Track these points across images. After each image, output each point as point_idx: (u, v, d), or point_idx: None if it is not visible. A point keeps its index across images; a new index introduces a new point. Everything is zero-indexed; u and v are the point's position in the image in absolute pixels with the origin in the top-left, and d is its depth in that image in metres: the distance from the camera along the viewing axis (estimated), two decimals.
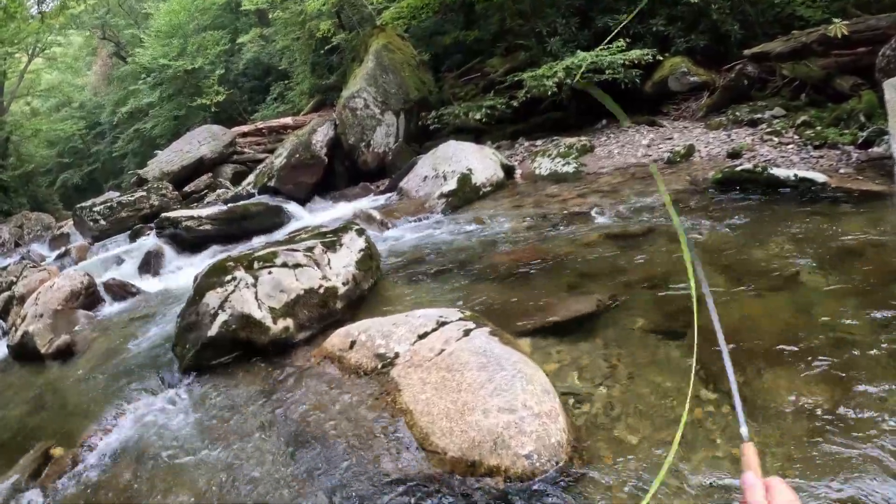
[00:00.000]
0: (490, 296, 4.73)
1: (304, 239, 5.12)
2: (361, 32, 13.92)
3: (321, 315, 4.58)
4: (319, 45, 16.72)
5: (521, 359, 3.16)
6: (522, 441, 2.75)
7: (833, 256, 4.86)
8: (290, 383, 3.85)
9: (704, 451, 2.92)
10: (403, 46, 11.99)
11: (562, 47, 10.70)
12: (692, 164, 8.06)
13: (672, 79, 10.35)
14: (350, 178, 10.07)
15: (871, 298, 4.09)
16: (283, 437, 3.36)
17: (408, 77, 10.90)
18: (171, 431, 3.67)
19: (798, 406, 3.12)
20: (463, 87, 12.37)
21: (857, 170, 7.03)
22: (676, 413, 3.22)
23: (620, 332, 4.04)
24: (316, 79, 17.78)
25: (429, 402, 3.10)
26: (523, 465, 2.71)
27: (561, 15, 11.41)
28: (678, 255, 5.21)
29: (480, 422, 2.84)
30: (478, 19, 13.25)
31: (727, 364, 1.27)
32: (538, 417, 2.81)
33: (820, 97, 9.19)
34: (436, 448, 2.91)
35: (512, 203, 7.41)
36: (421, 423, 3.05)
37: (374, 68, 10.75)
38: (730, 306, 4.23)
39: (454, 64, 13.72)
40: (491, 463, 2.74)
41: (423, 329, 3.57)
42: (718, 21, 10.65)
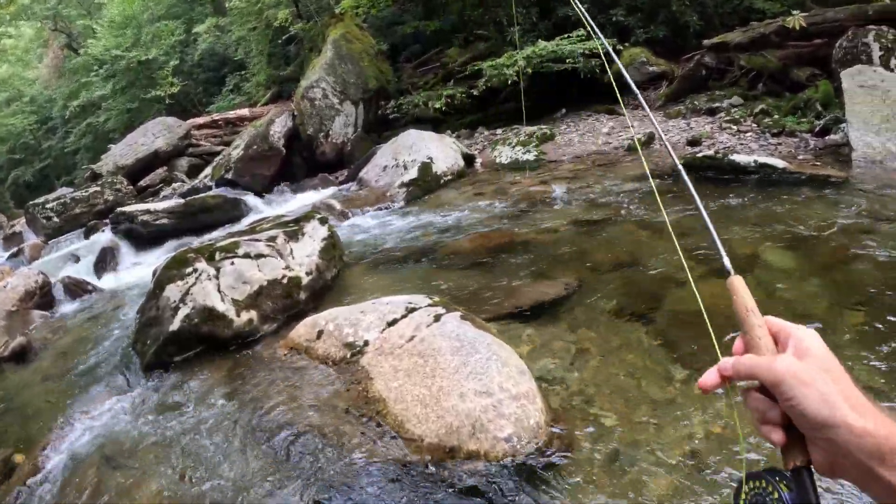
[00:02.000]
0: (454, 282, 4.71)
1: (266, 229, 5.02)
2: (319, 22, 13.71)
3: (285, 306, 4.50)
4: (276, 35, 16.46)
5: (494, 341, 3.14)
6: (501, 424, 2.72)
7: (793, 238, 4.98)
8: (257, 377, 3.76)
9: (677, 427, 2.94)
10: (362, 36, 11.87)
11: (521, 37, 10.70)
12: (652, 151, 8.17)
13: (632, 69, 10.44)
14: (309, 169, 9.92)
15: (830, 278, 4.23)
16: (253, 432, 3.28)
17: (366, 67, 10.78)
18: (135, 432, 3.56)
19: None
20: (422, 77, 12.31)
21: (814, 156, 7.21)
22: (649, 393, 3.24)
23: (589, 315, 4.06)
24: (273, 70, 17.51)
25: (402, 389, 3.05)
26: (503, 447, 2.68)
27: (521, 5, 11.42)
28: (640, 238, 5.27)
29: (457, 406, 2.80)
30: (437, 9, 13.19)
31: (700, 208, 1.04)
32: (516, 399, 2.79)
33: (777, 87, 9.38)
34: (412, 435, 2.87)
35: (473, 191, 7.42)
36: (395, 410, 3.00)
37: (332, 58, 10.61)
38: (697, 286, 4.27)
39: (413, 54, 13.65)
40: (470, 448, 2.71)
41: (391, 316, 3.52)
42: (677, 12, 10.79)
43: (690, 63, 10.31)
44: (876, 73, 7.28)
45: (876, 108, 7.00)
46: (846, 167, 6.67)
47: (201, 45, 21.90)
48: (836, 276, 4.35)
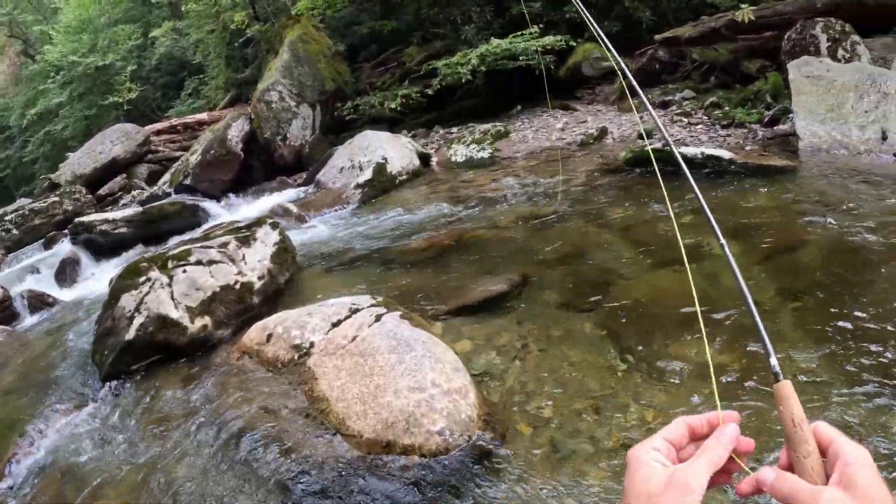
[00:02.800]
0: (407, 282, 4.79)
1: (218, 235, 5.06)
2: (276, 23, 13.68)
3: (239, 311, 4.55)
4: (234, 38, 16.37)
5: (430, 339, 3.24)
6: (434, 418, 2.82)
7: (739, 228, 5.11)
8: (210, 382, 3.81)
9: (617, 415, 3.07)
10: (319, 37, 11.87)
11: (476, 35, 10.80)
12: (604, 145, 8.30)
13: (585, 64, 10.59)
14: (267, 172, 9.89)
15: (775, 265, 4.37)
16: (207, 435, 3.34)
17: (323, 68, 10.80)
18: (96, 441, 3.60)
19: (704, 372, 3.27)
20: (380, 77, 12.35)
21: (762, 146, 7.39)
22: (589, 384, 3.36)
23: (534, 309, 4.16)
24: (231, 72, 17.40)
25: (343, 387, 3.14)
26: (436, 441, 2.78)
27: (476, 3, 11.50)
28: (588, 233, 5.40)
29: (392, 403, 2.90)
30: (394, 9, 13.22)
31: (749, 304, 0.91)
32: (448, 395, 2.89)
33: (728, 79, 9.58)
34: (352, 432, 2.96)
35: (428, 190, 7.50)
36: (337, 408, 3.09)
37: (289, 60, 10.61)
38: (642, 279, 4.42)
39: (370, 54, 13.67)
40: (405, 442, 2.81)
41: (336, 317, 3.60)
42: (630, 8, 10.95)
43: (643, 58, 10.49)
44: (822, 63, 7.46)
45: (822, 97, 7.18)
46: (793, 156, 6.85)
47: (159, 48, 21.65)
48: (781, 263, 4.49)
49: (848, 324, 3.51)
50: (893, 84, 6.83)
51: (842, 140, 6.87)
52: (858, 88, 7.01)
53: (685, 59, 10.49)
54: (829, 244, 4.55)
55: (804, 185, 6.03)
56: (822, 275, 4.17)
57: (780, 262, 4.50)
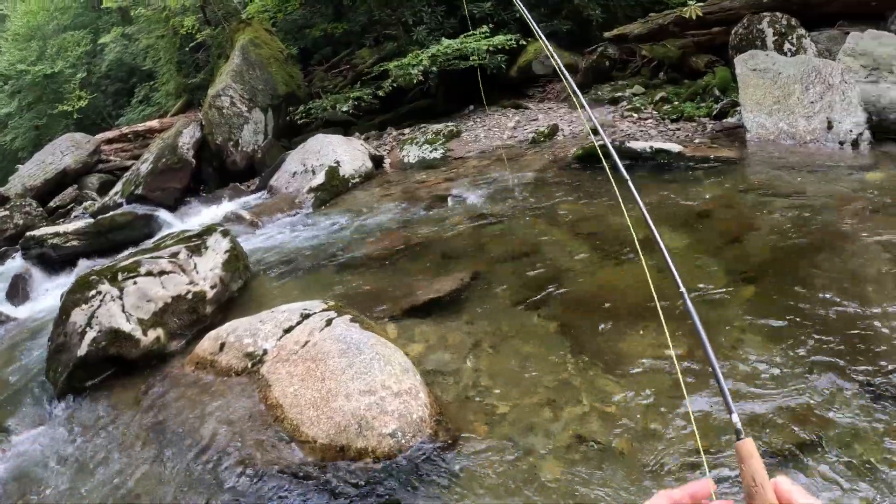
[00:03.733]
0: (360, 285, 4.81)
1: (168, 245, 5.01)
2: (227, 27, 13.52)
3: (192, 321, 4.51)
4: (184, 43, 16.10)
5: (379, 342, 3.27)
6: (385, 420, 2.85)
7: (686, 219, 5.25)
8: (165, 394, 3.78)
9: (571, 408, 3.13)
10: (270, 40, 11.76)
11: (427, 36, 10.81)
12: (555, 142, 8.40)
13: (536, 63, 10.70)
14: (220, 179, 9.74)
15: (721, 255, 4.49)
16: (163, 449, 3.33)
17: (275, 72, 10.70)
18: (52, 461, 3.54)
19: (659, 361, 3.39)
20: (332, 80, 12.31)
21: (711, 139, 7.56)
22: (543, 378, 3.41)
23: (485, 307, 4.21)
24: (182, 78, 17.13)
25: (297, 394, 3.15)
26: (389, 443, 2.81)
27: (427, 4, 11.52)
28: (537, 229, 5.47)
29: (344, 406, 2.93)
30: (346, 11, 13.17)
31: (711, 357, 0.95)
32: (398, 396, 2.92)
33: (677, 75, 9.78)
34: (306, 438, 2.98)
35: (381, 192, 7.51)
36: (291, 415, 3.10)
37: (240, 64, 10.50)
38: (593, 273, 4.50)
39: (323, 56, 13.61)
40: (358, 445, 2.84)
41: (288, 323, 3.61)
42: (580, 6, 11.06)
43: (594, 55, 10.62)
44: (768, 56, 7.65)
45: (768, 90, 7.37)
46: (742, 147, 7.04)
47: (108, 55, 21.20)
48: (729, 251, 4.62)
49: (797, 308, 3.64)
50: (838, 75, 7.03)
51: (788, 130, 7.06)
52: (804, 80, 7.20)
53: (635, 56, 10.68)
54: (777, 230, 4.70)
55: (752, 175, 6.20)
56: (771, 260, 4.32)
57: (730, 249, 4.63)
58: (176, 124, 10.78)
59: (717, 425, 2.81)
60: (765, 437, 2.71)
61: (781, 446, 2.66)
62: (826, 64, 7.31)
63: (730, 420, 0.88)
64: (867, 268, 4.00)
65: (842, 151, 6.61)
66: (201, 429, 3.33)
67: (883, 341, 3.25)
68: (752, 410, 2.88)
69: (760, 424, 2.79)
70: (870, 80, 7.26)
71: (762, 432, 2.73)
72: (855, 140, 6.69)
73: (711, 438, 2.74)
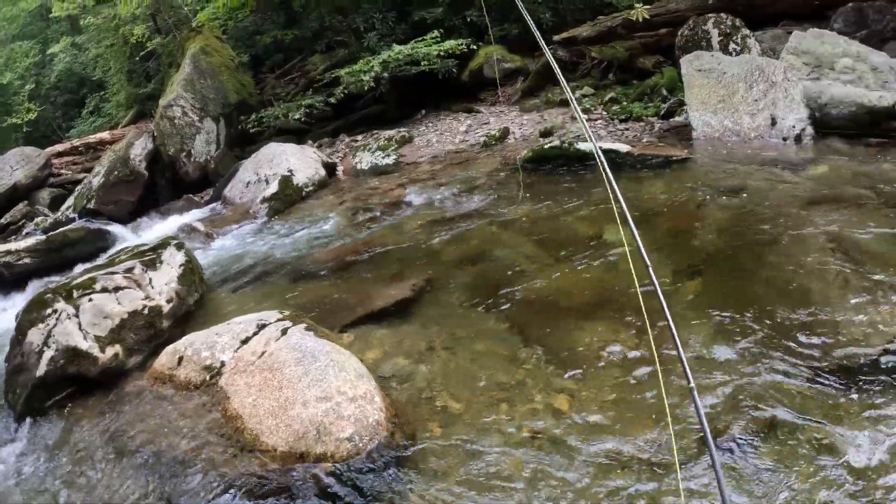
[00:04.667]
0: (315, 293, 4.87)
1: (123, 260, 4.99)
2: (178, 36, 13.38)
3: (149, 336, 4.51)
4: (135, 52, 15.86)
5: (333, 349, 3.35)
6: (342, 425, 2.94)
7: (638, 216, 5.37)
8: (126, 411, 3.78)
9: (525, 406, 3.24)
10: (221, 48, 11.67)
11: (379, 42, 10.85)
12: (507, 145, 8.52)
13: (487, 66, 10.80)
14: (174, 190, 9.58)
15: (669, 250, 4.65)
16: (125, 464, 3.34)
17: (227, 80, 10.62)
18: (14, 484, 3.53)
19: (611, 355, 3.53)
20: (284, 87, 12.26)
21: (659, 138, 7.75)
22: (497, 378, 3.51)
23: (439, 310, 4.32)
24: (133, 88, 16.86)
25: (255, 404, 3.21)
26: (347, 447, 2.90)
27: (378, 10, 11.58)
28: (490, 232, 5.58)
29: (302, 414, 3.00)
30: (297, 17, 13.14)
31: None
32: (353, 401, 3.01)
33: (626, 76, 9.97)
34: (267, 447, 3.04)
35: (334, 200, 7.55)
36: (250, 425, 3.16)
37: (191, 73, 10.39)
38: (544, 273, 4.61)
39: (275, 63, 13.55)
40: (317, 451, 2.92)
41: (244, 334, 3.66)
42: (530, 10, 11.19)
43: (544, 58, 10.79)
44: (713, 57, 7.86)
45: (713, 89, 7.58)
46: (689, 146, 7.23)
47: (58, 65, 20.71)
48: (676, 247, 4.76)
49: (743, 298, 3.81)
50: (781, 73, 7.28)
51: (733, 128, 7.29)
52: (748, 79, 7.43)
53: (584, 58, 10.86)
54: (723, 225, 4.88)
55: (698, 172, 6.38)
56: (717, 254, 4.50)
57: (678, 245, 4.79)
58: (127, 136, 10.61)
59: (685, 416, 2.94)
60: (719, 423, 2.85)
61: (735, 431, 2.81)
62: (769, 63, 7.56)
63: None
64: (810, 258, 4.18)
65: (785, 147, 6.84)
66: (162, 444, 3.35)
67: (825, 326, 3.44)
68: (704, 399, 3.01)
69: (714, 411, 2.93)
70: (812, 77, 7.54)
71: (716, 419, 2.87)
72: (798, 135, 6.94)
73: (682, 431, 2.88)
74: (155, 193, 9.67)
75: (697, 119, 7.53)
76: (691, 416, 2.91)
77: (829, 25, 8.57)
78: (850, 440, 2.69)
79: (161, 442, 3.36)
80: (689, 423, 2.90)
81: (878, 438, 2.67)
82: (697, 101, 7.64)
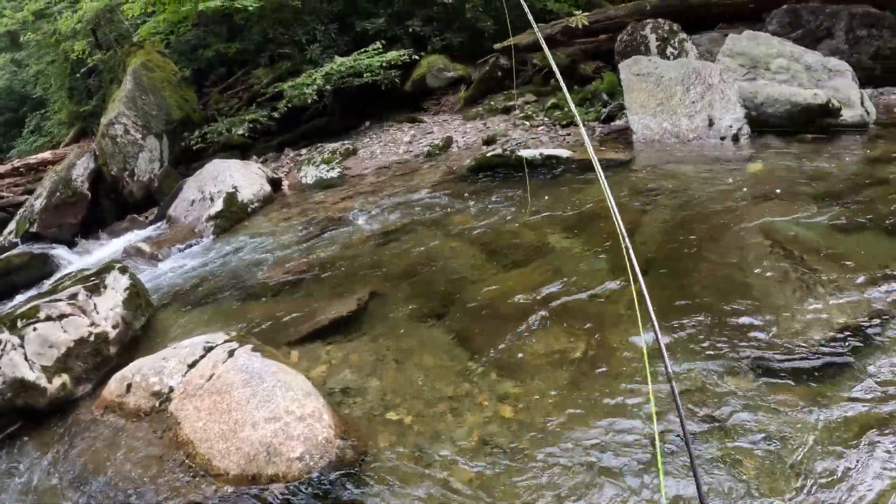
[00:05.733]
0: (262, 311, 4.87)
1: (67, 286, 4.93)
2: (119, 51, 13.14)
3: (97, 364, 4.46)
4: (76, 68, 15.52)
5: (280, 368, 3.39)
6: (292, 445, 2.98)
7: (578, 222, 5.51)
8: (76, 442, 3.72)
9: (474, 414, 3.32)
10: (164, 63, 11.49)
11: (321, 54, 10.87)
12: (450, 155, 8.64)
13: (430, 76, 10.95)
14: (118, 211, 9.38)
15: (611, 253, 4.74)
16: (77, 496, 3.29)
17: (169, 96, 10.45)
18: None
19: (556, 359, 3.63)
20: (228, 102, 12.17)
21: (600, 142, 7.94)
22: (446, 389, 3.57)
23: (387, 323, 4.37)
24: (75, 105, 16.47)
25: (205, 428, 3.23)
26: (298, 467, 2.94)
27: (320, 22, 11.58)
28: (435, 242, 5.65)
29: (252, 436, 3.04)
30: (240, 30, 13.04)
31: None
32: (302, 420, 3.06)
33: (568, 82, 10.16)
34: (219, 471, 3.05)
35: (280, 216, 7.53)
36: (202, 450, 3.17)
37: (132, 90, 10.21)
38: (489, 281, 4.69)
39: (218, 77, 13.43)
40: (269, 472, 2.95)
41: (191, 358, 3.67)
42: (473, 19, 11.33)
43: (486, 66, 10.95)
44: (651, 61, 8.10)
45: (652, 93, 7.81)
46: (629, 148, 7.41)
47: None
48: (619, 249, 4.85)
49: (685, 297, 3.96)
50: (717, 75, 7.55)
51: (672, 130, 7.52)
52: (685, 82, 7.68)
53: (526, 65, 11.07)
54: (665, 225, 5.04)
55: (639, 174, 6.55)
56: (659, 254, 4.63)
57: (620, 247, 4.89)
58: (69, 156, 10.39)
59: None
60: (666, 422, 2.96)
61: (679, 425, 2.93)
62: (705, 65, 7.83)
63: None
64: (749, 253, 4.37)
65: (723, 146, 7.09)
66: (114, 473, 3.32)
67: (766, 320, 3.61)
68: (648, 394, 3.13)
69: (659, 408, 3.02)
70: (748, 77, 7.83)
71: (660, 418, 2.96)
72: (735, 135, 7.20)
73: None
74: (99, 214, 9.48)
75: (637, 122, 7.74)
76: (642, 415, 3.04)
77: (763, 27, 8.90)
78: (793, 430, 2.82)
79: (113, 471, 3.33)
80: (644, 421, 3.01)
81: (820, 427, 2.81)
82: (637, 105, 7.85)
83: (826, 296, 3.75)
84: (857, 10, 8.77)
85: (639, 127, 7.73)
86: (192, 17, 12.40)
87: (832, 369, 3.19)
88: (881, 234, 4.56)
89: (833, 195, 5.23)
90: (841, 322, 3.51)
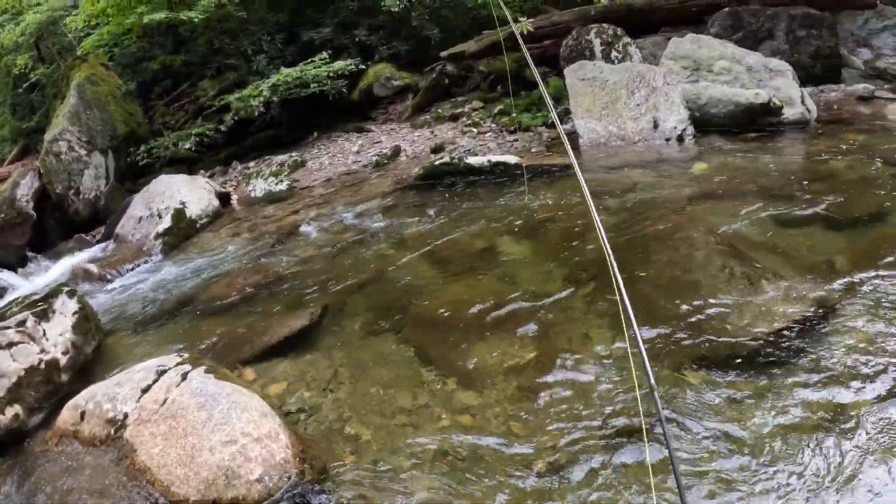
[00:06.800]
0: (215, 330, 4.83)
1: (14, 313, 4.84)
2: (62, 65, 12.86)
3: (48, 392, 4.37)
4: (18, 83, 15.13)
5: (234, 390, 3.39)
6: (251, 467, 3.00)
7: (527, 228, 5.60)
8: (30, 474, 3.65)
9: (432, 425, 3.37)
10: (108, 77, 11.27)
11: (268, 65, 10.80)
12: (399, 164, 8.69)
13: (377, 85, 10.98)
14: (64, 230, 9.13)
15: (562, 257, 4.88)
16: None
17: (114, 111, 10.24)
18: None
19: (509, 367, 3.70)
20: (174, 115, 12.02)
21: (548, 147, 8.06)
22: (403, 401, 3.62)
23: (341, 336, 4.40)
24: (18, 121, 16.02)
25: (163, 454, 3.21)
26: (258, 489, 2.96)
27: (266, 32, 11.53)
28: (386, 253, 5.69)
29: (209, 460, 3.05)
30: (185, 41, 12.89)
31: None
32: (259, 442, 3.08)
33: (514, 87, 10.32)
34: (178, 497, 3.04)
35: (230, 231, 7.46)
36: (160, 476, 3.15)
37: (76, 104, 9.99)
38: (441, 291, 4.76)
39: (164, 89, 13.25)
40: (229, 496, 2.96)
41: (145, 383, 3.64)
42: (419, 27, 11.39)
43: (433, 74, 11.03)
44: (595, 66, 8.27)
45: (597, 97, 7.97)
46: (576, 153, 7.58)
47: None
48: (569, 254, 4.96)
49: (635, 298, 4.00)
50: (660, 78, 7.75)
51: (618, 133, 7.70)
52: (629, 85, 7.87)
53: (473, 72, 11.18)
54: (613, 228, 5.11)
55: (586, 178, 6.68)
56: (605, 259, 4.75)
57: (570, 251, 5.00)
58: (13, 174, 10.11)
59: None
60: (618, 422, 3.07)
61: (634, 423, 3.03)
62: (649, 69, 8.04)
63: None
64: (696, 251, 4.51)
65: (668, 147, 7.29)
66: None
67: (714, 316, 3.75)
68: (605, 395, 3.26)
69: (613, 409, 3.16)
70: (691, 79, 8.06)
71: (614, 417, 3.09)
72: (680, 136, 7.42)
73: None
74: (45, 234, 9.27)
75: (583, 126, 7.90)
76: (599, 418, 3.14)
77: (706, 30, 9.17)
78: (744, 425, 2.94)
79: (71, 502, 3.31)
80: (603, 425, 3.11)
81: (769, 421, 2.94)
82: (582, 110, 8.01)
83: (770, 291, 3.89)
84: (797, 11, 9.14)
85: (585, 131, 7.89)
86: (136, 30, 12.23)
87: (780, 361, 3.33)
88: (824, 227, 4.76)
89: (776, 191, 5.45)
90: (787, 314, 3.66)
